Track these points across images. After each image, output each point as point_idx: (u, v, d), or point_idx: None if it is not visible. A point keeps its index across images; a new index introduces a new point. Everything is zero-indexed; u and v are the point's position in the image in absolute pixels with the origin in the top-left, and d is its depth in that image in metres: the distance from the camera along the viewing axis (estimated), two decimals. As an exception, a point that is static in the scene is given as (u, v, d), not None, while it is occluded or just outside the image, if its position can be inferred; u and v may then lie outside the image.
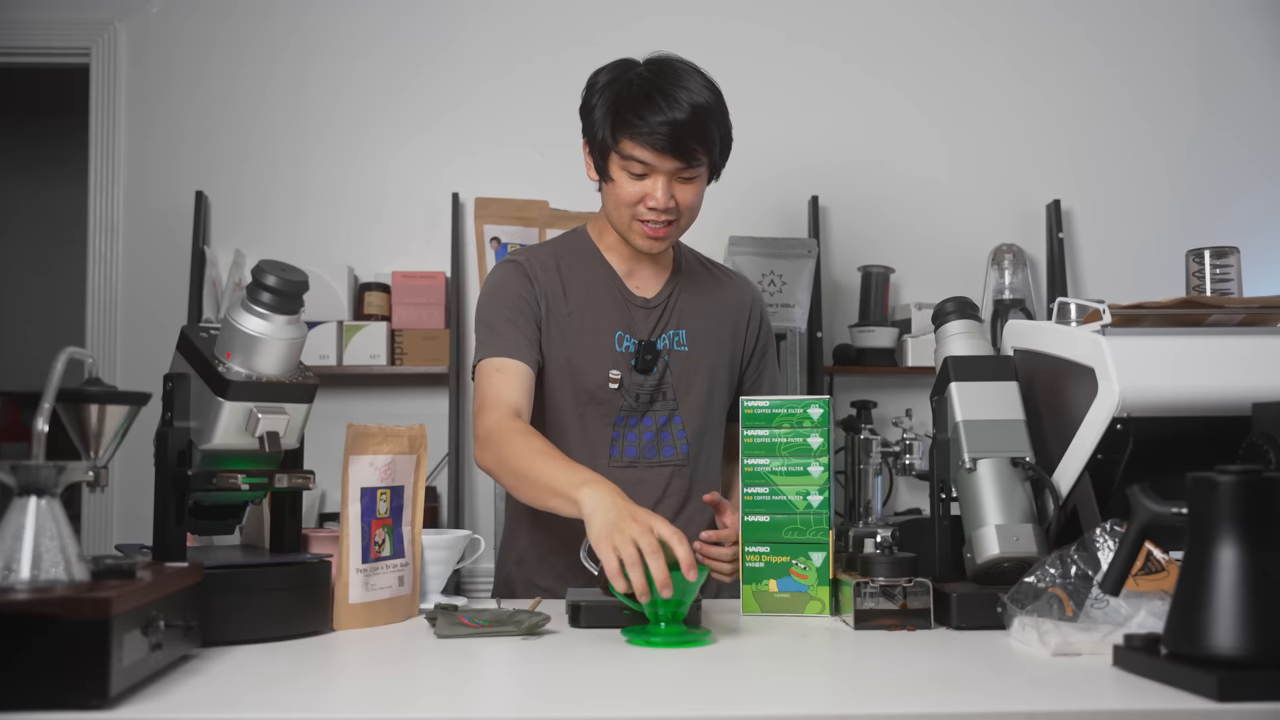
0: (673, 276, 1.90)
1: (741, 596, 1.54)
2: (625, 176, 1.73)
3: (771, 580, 1.53)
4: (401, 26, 3.48)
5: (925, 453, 1.62)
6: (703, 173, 1.76)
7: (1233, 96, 3.56)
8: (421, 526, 1.55)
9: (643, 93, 1.70)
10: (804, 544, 1.53)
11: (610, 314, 1.83)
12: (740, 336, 1.93)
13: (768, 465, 1.55)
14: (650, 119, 1.68)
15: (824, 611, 1.51)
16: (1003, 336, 1.69)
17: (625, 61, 1.77)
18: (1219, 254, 1.66)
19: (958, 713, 1.05)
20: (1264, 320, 1.50)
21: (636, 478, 1.81)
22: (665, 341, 1.84)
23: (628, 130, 1.70)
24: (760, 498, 1.55)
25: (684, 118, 1.68)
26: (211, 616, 1.26)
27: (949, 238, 3.47)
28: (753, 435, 1.56)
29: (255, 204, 3.44)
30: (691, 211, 1.78)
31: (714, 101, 1.73)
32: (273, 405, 1.37)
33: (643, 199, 1.73)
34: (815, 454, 1.55)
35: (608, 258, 1.87)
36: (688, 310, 1.88)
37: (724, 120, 1.76)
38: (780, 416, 1.56)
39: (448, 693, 1.15)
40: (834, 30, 3.53)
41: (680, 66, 1.75)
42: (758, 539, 1.54)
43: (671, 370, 1.84)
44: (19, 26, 3.48)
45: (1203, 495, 1.12)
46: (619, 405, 1.81)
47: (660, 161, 1.70)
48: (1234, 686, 1.03)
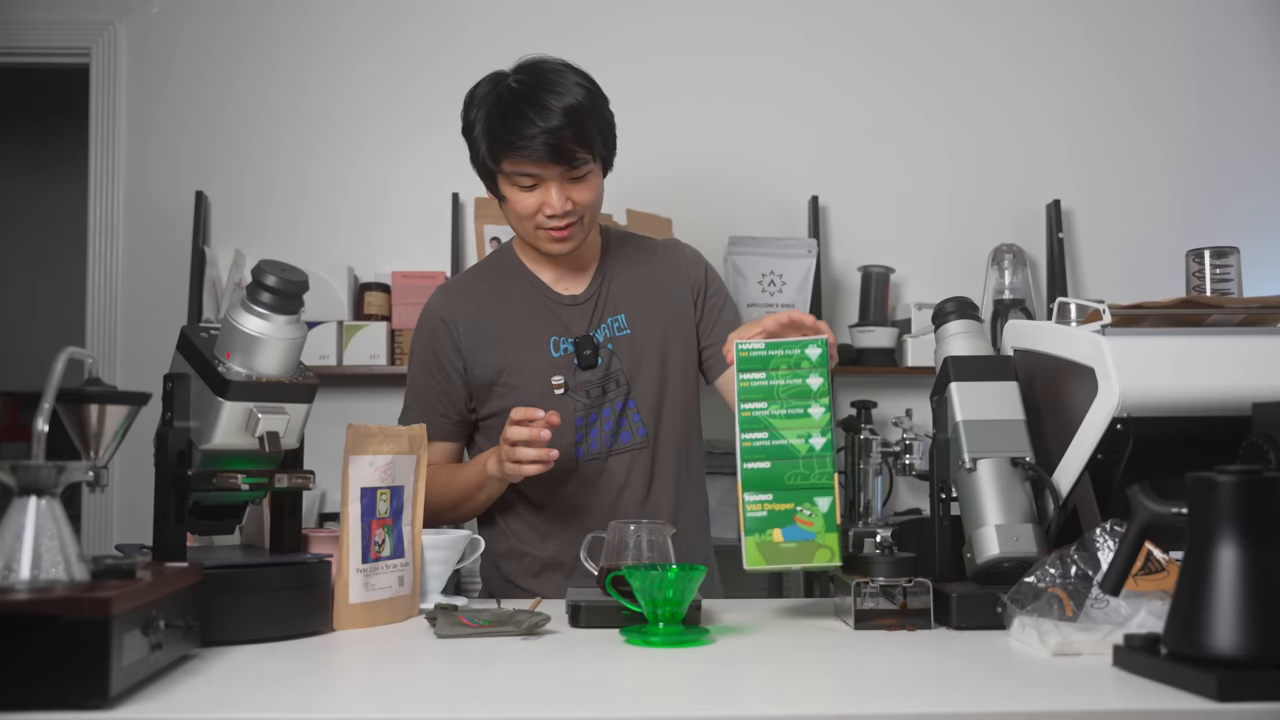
0: (600, 266, 1.90)
1: (744, 549, 1.41)
2: (516, 191, 1.75)
3: (776, 530, 1.42)
4: (402, 27, 3.48)
5: (925, 453, 1.61)
6: (593, 169, 1.76)
7: (1232, 96, 3.56)
8: (421, 526, 1.55)
9: (512, 107, 1.70)
10: (809, 489, 1.42)
11: (540, 322, 1.84)
12: (684, 299, 1.92)
13: (765, 409, 1.45)
14: (524, 132, 1.68)
15: (834, 559, 1.41)
16: (1003, 336, 1.69)
17: (496, 75, 1.78)
18: (1219, 254, 1.66)
19: (958, 713, 1.05)
20: (1264, 320, 1.50)
21: (598, 470, 1.83)
22: (605, 331, 1.85)
23: (505, 148, 1.71)
24: (759, 443, 1.44)
25: (558, 124, 1.68)
26: (211, 616, 1.26)
27: (949, 238, 3.47)
28: (748, 379, 1.46)
29: (255, 204, 3.44)
30: (592, 208, 1.79)
31: (587, 98, 1.73)
32: (273, 405, 1.37)
33: (540, 208, 1.74)
34: (816, 395, 1.45)
35: (532, 268, 1.89)
36: (622, 294, 1.88)
37: (600, 114, 1.76)
38: (777, 359, 1.46)
39: (447, 693, 1.15)
40: (834, 31, 3.53)
41: (548, 69, 1.75)
42: (759, 487, 1.43)
43: (618, 357, 1.84)
44: (19, 26, 3.48)
45: (1203, 495, 1.12)
46: (573, 407, 1.82)
47: (544, 170, 1.71)
48: (1234, 686, 1.03)
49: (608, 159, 1.80)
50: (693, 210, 3.30)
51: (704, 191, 3.40)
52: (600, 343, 1.84)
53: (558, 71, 1.75)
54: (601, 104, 1.77)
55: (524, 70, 1.75)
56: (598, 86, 1.78)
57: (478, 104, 1.76)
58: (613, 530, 1.52)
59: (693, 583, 1.36)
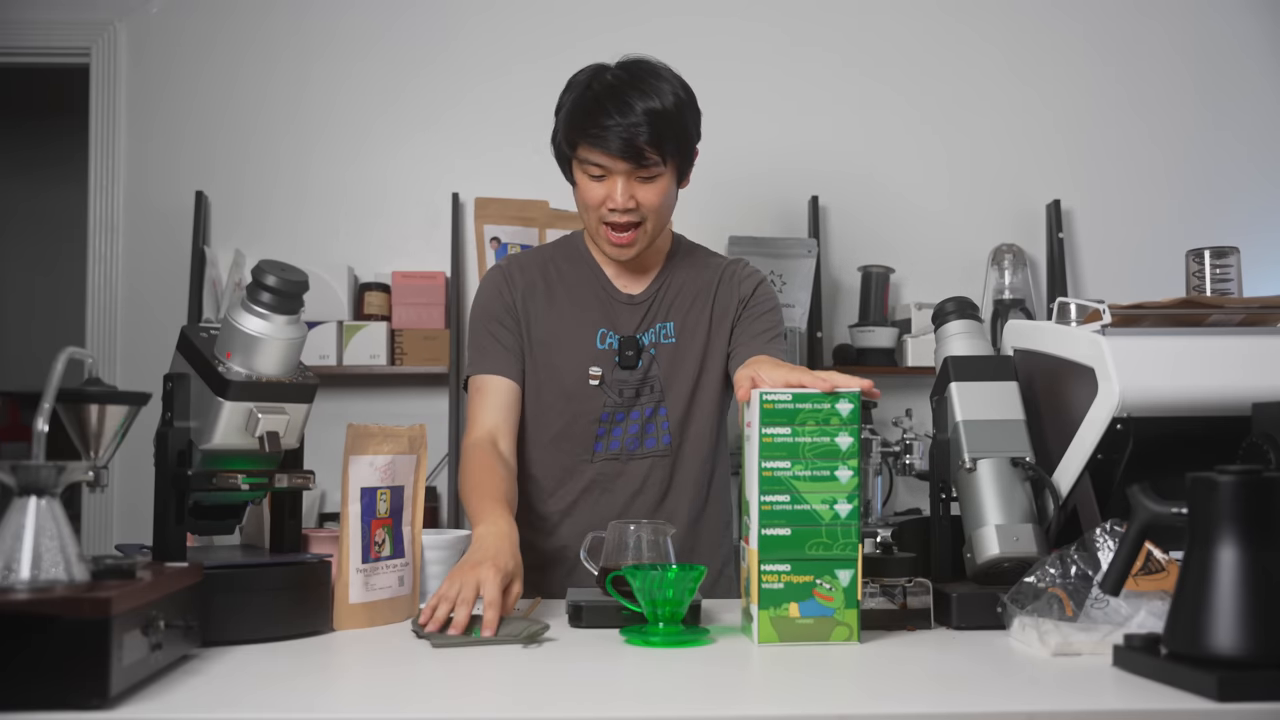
0: (663, 271, 1.90)
1: (756, 624, 1.33)
2: (586, 179, 1.76)
3: (792, 604, 1.32)
4: (401, 26, 3.48)
5: (925, 453, 1.60)
6: (662, 173, 1.76)
7: (1231, 96, 3.56)
8: (421, 526, 1.55)
9: (598, 98, 1.72)
10: (830, 560, 1.32)
11: (592, 312, 1.85)
12: (728, 315, 1.89)
13: (789, 469, 1.33)
14: (601, 122, 1.70)
15: (852, 638, 1.32)
16: (1003, 336, 1.69)
17: (598, 66, 1.79)
18: (1219, 254, 1.66)
19: (958, 713, 1.05)
20: (1264, 320, 1.50)
21: (617, 470, 1.83)
22: (652, 336, 1.85)
23: (580, 134, 1.73)
24: (780, 507, 1.33)
25: (633, 120, 1.69)
26: (211, 616, 1.26)
27: (949, 238, 3.47)
28: (772, 434, 1.33)
29: (255, 204, 3.44)
30: (656, 213, 1.78)
31: (673, 105, 1.74)
32: (273, 405, 1.37)
33: (604, 200, 1.75)
34: (844, 456, 1.34)
35: (598, 258, 1.89)
36: (677, 302, 1.88)
37: (681, 123, 1.76)
38: (804, 413, 1.34)
39: (447, 693, 1.15)
40: (834, 31, 3.53)
41: (646, 70, 1.76)
42: (777, 555, 1.32)
43: (658, 363, 1.84)
44: (19, 26, 3.48)
45: (1203, 495, 1.12)
46: (603, 401, 1.82)
47: (613, 163, 1.72)
48: (1234, 686, 1.03)
49: (682, 168, 1.80)
50: (693, 210, 3.28)
51: (704, 191, 3.38)
52: (644, 346, 1.84)
53: (654, 73, 1.76)
54: (689, 114, 1.78)
55: (624, 67, 1.78)
56: (693, 97, 1.79)
57: (571, 88, 1.78)
58: (612, 530, 1.52)
59: (692, 583, 1.35)
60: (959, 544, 1.51)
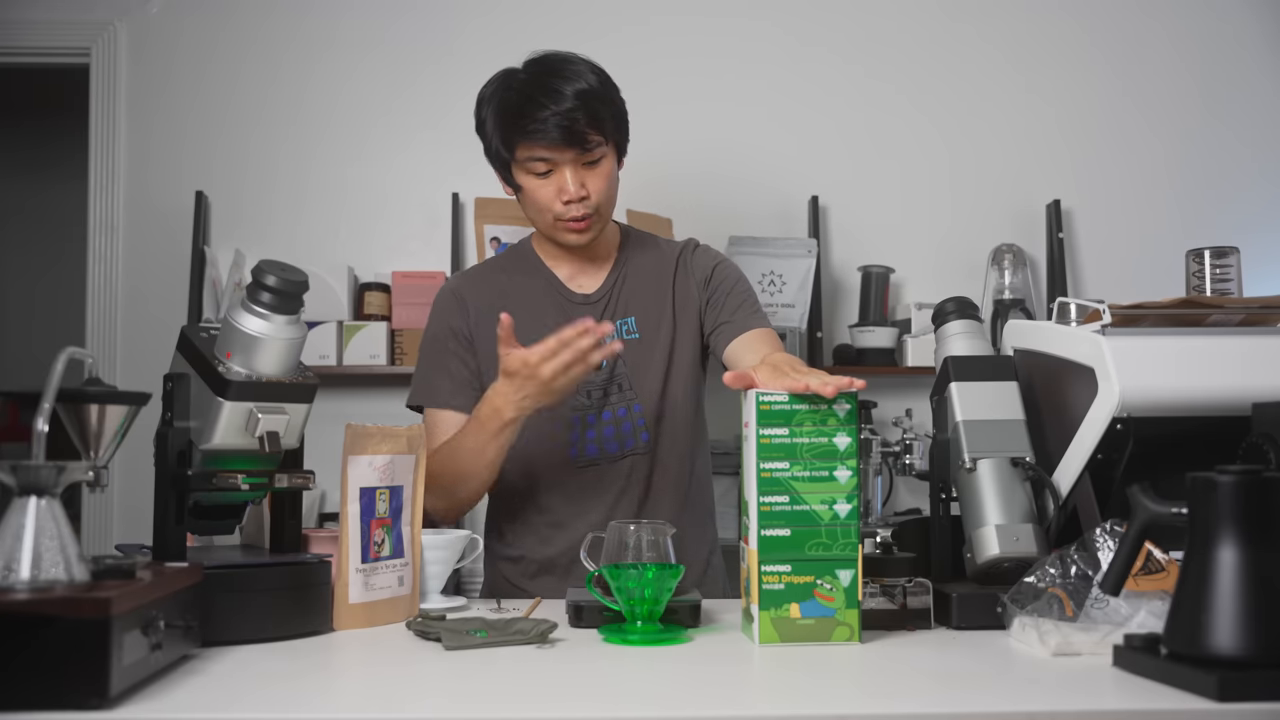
0: (616, 266, 1.90)
1: (757, 625, 1.33)
2: (532, 179, 1.76)
3: (793, 605, 1.32)
4: (402, 26, 3.48)
5: (925, 453, 1.61)
6: (605, 155, 1.77)
7: (1233, 96, 3.56)
8: (421, 526, 1.55)
9: (524, 95, 1.72)
10: (830, 560, 1.33)
11: (549, 318, 1.82)
12: (692, 300, 1.88)
13: (787, 470, 1.33)
14: (536, 114, 1.70)
15: (853, 638, 1.32)
16: (1003, 336, 1.69)
17: (505, 71, 1.79)
18: (1219, 254, 1.66)
19: (958, 713, 1.05)
20: (1264, 320, 1.50)
21: (597, 475, 1.82)
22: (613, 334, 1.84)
23: (517, 132, 1.73)
24: (779, 508, 1.33)
25: (568, 106, 1.70)
26: (211, 616, 1.26)
27: (949, 238, 3.46)
28: (770, 435, 1.34)
29: (255, 204, 3.44)
30: (607, 197, 1.80)
31: (598, 84, 1.75)
32: (273, 405, 1.37)
33: (556, 196, 1.75)
34: (842, 456, 1.34)
35: (548, 263, 1.89)
36: (634, 296, 1.88)
37: (611, 99, 1.78)
38: (801, 414, 1.34)
39: (447, 693, 1.15)
40: (835, 31, 3.53)
41: (558, 59, 1.77)
42: (777, 556, 1.33)
43: (624, 360, 1.83)
44: (19, 26, 3.48)
45: (1203, 495, 1.12)
46: (572, 405, 1.81)
47: (558, 154, 1.72)
48: (1234, 686, 1.03)
49: (621, 144, 1.81)
50: (693, 210, 3.30)
51: (704, 191, 3.40)
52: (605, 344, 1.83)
53: (567, 60, 1.77)
54: (612, 90, 1.79)
55: (533, 62, 1.78)
56: (608, 75, 1.80)
57: (488, 99, 1.78)
58: (612, 530, 1.51)
59: (669, 582, 1.36)
60: (959, 544, 1.51)
